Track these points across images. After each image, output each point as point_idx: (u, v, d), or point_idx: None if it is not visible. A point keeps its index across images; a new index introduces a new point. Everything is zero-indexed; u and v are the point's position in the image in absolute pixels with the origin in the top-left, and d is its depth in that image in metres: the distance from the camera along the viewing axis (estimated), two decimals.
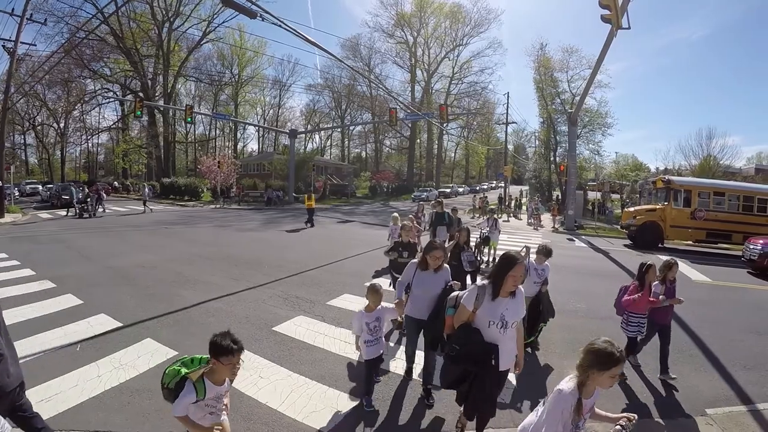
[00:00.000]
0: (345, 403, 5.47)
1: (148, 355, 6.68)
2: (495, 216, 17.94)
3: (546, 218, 36.08)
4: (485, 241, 16.09)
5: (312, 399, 5.51)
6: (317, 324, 8.41)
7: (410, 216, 15.66)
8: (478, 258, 14.32)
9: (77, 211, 29.27)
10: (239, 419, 5.03)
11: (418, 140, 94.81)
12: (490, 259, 16.83)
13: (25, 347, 6.76)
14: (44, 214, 30.61)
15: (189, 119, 42.82)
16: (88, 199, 30.87)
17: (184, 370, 3.53)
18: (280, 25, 17.21)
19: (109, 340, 7.29)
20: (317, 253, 16.53)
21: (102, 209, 31.71)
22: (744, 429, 5.27)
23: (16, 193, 36.09)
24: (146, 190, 37.40)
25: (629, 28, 19.25)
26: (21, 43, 30.44)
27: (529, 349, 7.31)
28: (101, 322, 8.08)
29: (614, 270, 16.35)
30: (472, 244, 14.63)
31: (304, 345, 7.37)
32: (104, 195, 35.02)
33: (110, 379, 5.87)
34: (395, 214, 14.57)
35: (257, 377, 6.04)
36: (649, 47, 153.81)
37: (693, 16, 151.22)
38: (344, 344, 7.40)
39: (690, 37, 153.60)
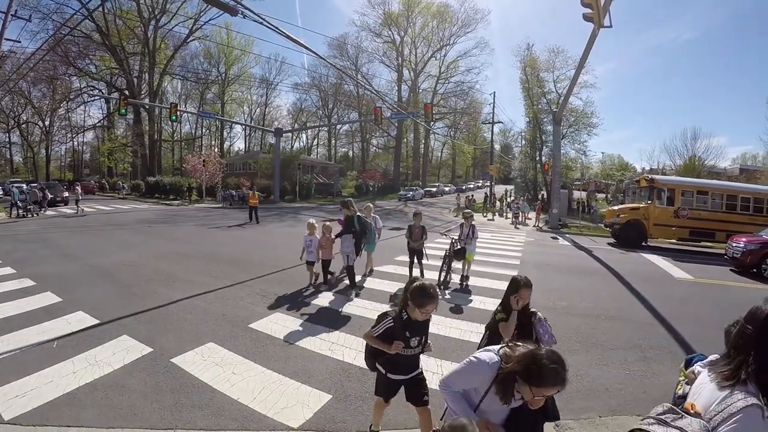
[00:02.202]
0: (317, 399, 5.48)
1: (123, 351, 6.65)
2: (473, 221, 12.87)
3: (530, 217, 36.24)
4: (459, 253, 12.07)
5: (284, 395, 5.52)
6: (294, 321, 8.43)
7: (326, 223, 11.75)
8: (448, 278, 12.37)
9: (20, 212, 28.42)
10: (210, 415, 5.05)
11: (405, 140, 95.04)
12: (465, 281, 12.23)
13: (2, 344, 6.82)
14: (69, 211, 30.54)
15: (174, 117, 42.53)
16: (38, 200, 30.37)
17: None
18: (261, 23, 17.18)
19: (85, 337, 7.26)
20: (299, 252, 16.49)
21: (43, 209, 30.95)
22: None
23: (0, 192, 35.81)
24: (78, 189, 35.86)
25: (611, 26, 19.38)
26: (5, 39, 30.20)
27: None
28: (79, 320, 8.04)
29: (597, 267, 16.51)
30: (430, 249, 12.82)
31: (280, 342, 7.37)
32: (48, 195, 34.16)
33: (85, 375, 5.86)
34: (311, 221, 11.72)
35: (230, 373, 6.05)
36: (635, 49, 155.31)
37: (678, 19, 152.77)
38: (319, 341, 7.44)
39: (676, 39, 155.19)
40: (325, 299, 10.10)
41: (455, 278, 12.54)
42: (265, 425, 4.91)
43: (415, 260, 12.44)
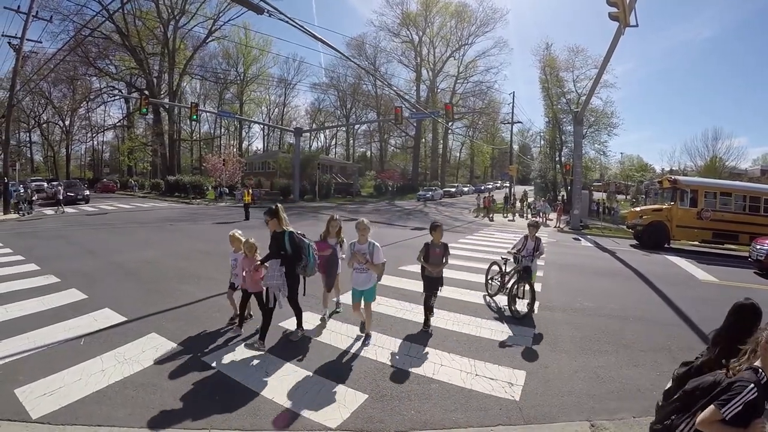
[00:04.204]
0: (353, 399, 5.41)
1: (152, 349, 6.62)
2: (537, 231, 9.93)
3: (551, 218, 35.99)
4: (526, 273, 9.36)
5: (319, 395, 5.45)
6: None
7: (250, 240, 7.84)
8: (515, 307, 9.33)
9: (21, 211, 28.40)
10: (245, 415, 4.98)
11: (423, 139, 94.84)
12: (528, 306, 9.30)
13: (28, 341, 6.79)
14: (48, 211, 30.75)
15: (194, 117, 42.92)
16: (29, 200, 30.08)
17: None
18: (288, 22, 17.21)
19: (113, 334, 7.25)
20: None
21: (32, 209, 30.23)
22: None
23: (21, 190, 36.16)
24: (60, 189, 34.95)
25: (637, 25, 19.14)
26: (27, 40, 30.51)
27: None
28: (106, 317, 8.04)
29: (620, 269, 16.32)
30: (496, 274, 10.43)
31: (311, 341, 7.33)
32: (34, 195, 33.67)
33: (114, 373, 5.81)
34: (234, 232, 8.34)
35: (263, 372, 5.99)
36: (654, 49, 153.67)
37: (698, 17, 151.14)
38: (350, 340, 7.38)
39: (695, 38, 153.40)
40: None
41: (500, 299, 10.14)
42: (302, 425, 4.84)
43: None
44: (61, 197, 32.83)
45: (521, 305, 9.38)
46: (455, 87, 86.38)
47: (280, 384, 5.69)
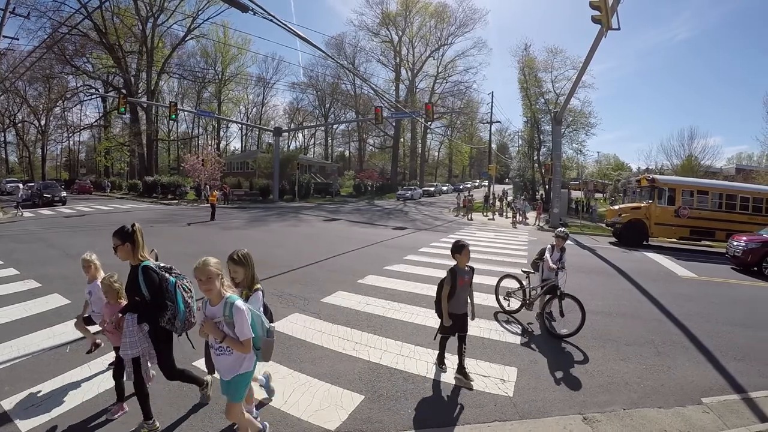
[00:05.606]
0: (349, 400, 5.41)
1: None
2: (565, 242, 9.11)
3: (530, 216, 36.25)
4: (552, 292, 8.54)
5: (315, 397, 5.43)
6: (314, 321, 8.31)
7: (111, 279, 5.84)
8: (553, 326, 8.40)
9: None
10: None
11: (402, 139, 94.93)
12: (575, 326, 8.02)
13: (12, 349, 6.67)
14: (26, 213, 30.18)
15: (173, 116, 42.59)
16: None
17: None
18: (272, 20, 17.10)
19: (100, 340, 7.09)
20: (305, 251, 16.39)
21: None
22: (740, 416, 5.47)
23: None
24: (20, 191, 32.54)
25: (619, 28, 19.26)
26: (3, 37, 30.04)
27: None
28: None
29: (601, 266, 16.55)
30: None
31: (303, 343, 7.27)
32: None
33: (103, 381, 5.71)
34: (89, 256, 6.41)
35: (257, 376, 5.89)
36: (631, 49, 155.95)
37: (675, 19, 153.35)
38: (342, 341, 7.36)
39: (672, 39, 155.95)
40: (342, 298, 9.94)
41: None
42: (301, 428, 4.82)
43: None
44: (19, 200, 30.70)
45: (560, 322, 8.42)
46: (434, 87, 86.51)
47: (275, 387, 5.61)
